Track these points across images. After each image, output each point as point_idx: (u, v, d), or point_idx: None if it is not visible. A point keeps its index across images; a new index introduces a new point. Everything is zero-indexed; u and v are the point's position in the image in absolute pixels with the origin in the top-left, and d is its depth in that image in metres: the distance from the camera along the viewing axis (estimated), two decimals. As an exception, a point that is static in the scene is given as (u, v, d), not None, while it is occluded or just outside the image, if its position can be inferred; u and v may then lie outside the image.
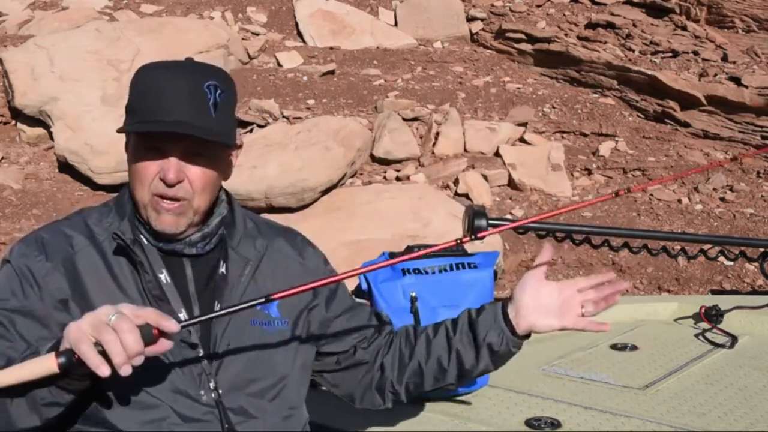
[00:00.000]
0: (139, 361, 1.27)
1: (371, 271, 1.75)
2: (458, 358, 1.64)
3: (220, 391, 1.51)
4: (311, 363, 1.69)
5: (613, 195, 2.03)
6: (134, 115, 1.52)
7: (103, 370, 1.24)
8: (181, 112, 1.47)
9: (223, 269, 1.60)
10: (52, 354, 1.27)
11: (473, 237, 1.57)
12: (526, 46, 9.75)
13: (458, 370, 1.65)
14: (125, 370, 1.25)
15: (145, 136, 1.51)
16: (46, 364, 1.26)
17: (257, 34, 9.98)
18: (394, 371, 1.70)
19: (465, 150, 7.83)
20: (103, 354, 1.24)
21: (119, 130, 1.53)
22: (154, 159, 1.51)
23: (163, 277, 1.55)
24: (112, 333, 1.24)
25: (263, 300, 1.41)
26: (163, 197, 1.52)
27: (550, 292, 1.59)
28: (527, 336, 1.62)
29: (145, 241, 1.56)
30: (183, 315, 1.54)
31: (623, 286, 1.57)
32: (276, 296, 1.42)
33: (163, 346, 1.31)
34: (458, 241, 1.56)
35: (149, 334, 1.28)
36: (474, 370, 1.65)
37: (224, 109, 1.53)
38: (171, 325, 1.30)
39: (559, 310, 1.58)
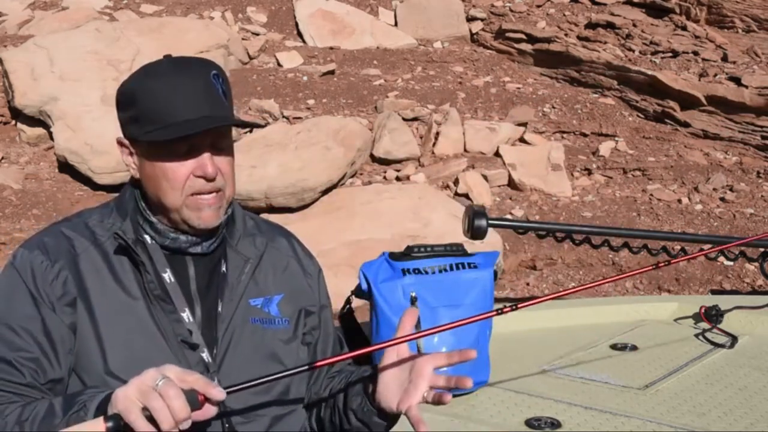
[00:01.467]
0: (186, 425, 1.26)
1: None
2: (340, 418, 1.63)
3: (221, 391, 1.51)
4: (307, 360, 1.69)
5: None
6: (154, 123, 1.49)
7: None
8: (204, 108, 1.49)
9: (223, 268, 1.61)
10: (101, 419, 1.26)
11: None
12: (526, 46, 9.74)
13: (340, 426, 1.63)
14: None
15: (168, 141, 1.48)
16: (95, 429, 1.26)
17: (257, 34, 9.97)
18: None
19: (465, 150, 7.83)
20: (150, 419, 1.24)
21: (150, 141, 1.49)
22: (183, 160, 1.50)
23: (167, 276, 1.55)
24: (159, 399, 1.23)
25: (306, 367, 1.40)
26: (201, 193, 1.52)
27: (405, 368, 1.46)
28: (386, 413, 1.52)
29: (149, 240, 1.56)
30: (186, 314, 1.54)
31: (468, 383, 1.41)
32: (318, 364, 1.41)
33: (209, 411, 1.30)
34: None
35: (195, 400, 1.27)
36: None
37: (229, 94, 1.58)
38: (217, 393, 1.28)
39: (406, 390, 1.44)
